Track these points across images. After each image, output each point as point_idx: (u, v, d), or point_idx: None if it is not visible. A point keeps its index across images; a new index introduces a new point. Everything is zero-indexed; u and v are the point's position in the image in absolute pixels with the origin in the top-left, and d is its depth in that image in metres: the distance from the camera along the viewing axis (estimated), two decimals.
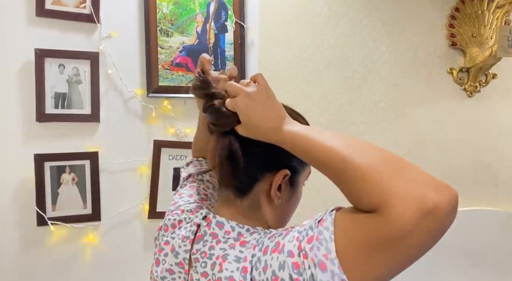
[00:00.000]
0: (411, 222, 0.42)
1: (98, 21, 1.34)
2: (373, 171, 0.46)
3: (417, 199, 0.42)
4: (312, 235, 0.48)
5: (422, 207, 0.42)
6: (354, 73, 1.64)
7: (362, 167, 0.46)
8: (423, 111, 1.72)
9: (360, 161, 0.47)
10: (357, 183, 0.46)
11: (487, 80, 1.75)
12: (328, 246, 0.46)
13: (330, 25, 1.60)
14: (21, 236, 1.30)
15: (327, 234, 0.47)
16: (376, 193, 0.44)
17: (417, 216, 0.42)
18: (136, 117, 1.41)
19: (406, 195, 0.42)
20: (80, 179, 1.34)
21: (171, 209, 0.71)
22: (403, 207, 0.42)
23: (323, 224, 0.48)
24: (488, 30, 1.68)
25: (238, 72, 1.47)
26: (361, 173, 0.46)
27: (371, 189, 0.45)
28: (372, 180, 0.45)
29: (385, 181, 0.44)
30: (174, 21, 1.42)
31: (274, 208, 0.63)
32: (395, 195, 0.43)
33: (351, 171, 0.47)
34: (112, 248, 1.38)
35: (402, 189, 0.43)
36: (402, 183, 0.44)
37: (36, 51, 1.28)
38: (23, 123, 1.29)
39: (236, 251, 0.55)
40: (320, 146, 0.51)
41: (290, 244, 0.50)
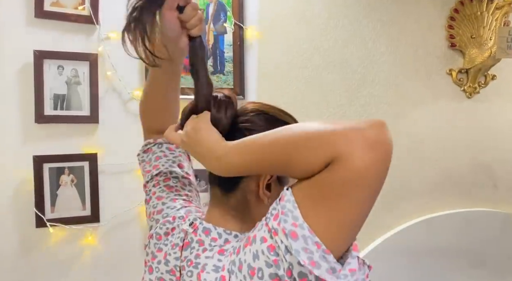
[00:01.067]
0: (364, 157, 0.43)
1: (97, 22, 1.34)
2: (305, 138, 0.47)
3: (358, 138, 0.44)
4: (277, 212, 0.48)
5: (366, 141, 0.44)
6: (353, 74, 1.64)
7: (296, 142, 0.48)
8: (422, 112, 1.72)
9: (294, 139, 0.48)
10: (300, 156, 0.47)
11: (486, 81, 1.75)
12: (294, 214, 0.46)
13: (329, 26, 1.60)
14: (20, 237, 1.29)
15: (290, 205, 0.47)
16: (321, 152, 0.45)
17: (366, 151, 0.43)
18: (135, 119, 1.39)
19: (348, 140, 0.44)
20: (79, 180, 1.34)
21: (158, 218, 0.70)
22: (351, 149, 0.43)
23: (283, 200, 0.48)
24: (487, 31, 1.68)
25: (237, 74, 1.47)
26: (299, 145, 0.47)
27: (314, 152, 0.46)
28: (311, 145, 0.46)
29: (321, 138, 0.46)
30: None
31: (264, 208, 0.60)
32: (338, 144, 0.44)
33: (290, 152, 0.48)
34: (111, 250, 1.37)
35: (340, 137, 0.45)
36: (337, 133, 0.45)
37: (35, 53, 1.28)
38: (22, 125, 1.29)
39: (214, 260, 0.55)
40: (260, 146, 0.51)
41: (260, 232, 0.50)
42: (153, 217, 0.71)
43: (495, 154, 1.77)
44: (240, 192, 0.61)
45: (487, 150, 1.77)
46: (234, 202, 0.61)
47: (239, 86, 1.48)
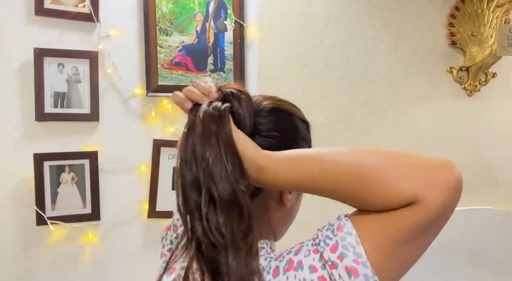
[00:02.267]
0: (446, 201, 0.45)
1: (97, 20, 1.34)
2: (393, 170, 0.46)
3: (442, 182, 0.45)
4: (334, 243, 0.45)
5: (449, 186, 0.45)
6: (353, 72, 1.64)
7: (380, 171, 0.46)
8: (422, 110, 1.72)
9: (375, 165, 0.47)
10: (380, 188, 0.46)
11: (487, 79, 1.75)
12: (357, 251, 0.44)
13: (329, 24, 1.60)
14: (20, 235, 1.29)
15: (352, 239, 0.45)
16: (408, 188, 0.45)
17: (447, 196, 0.45)
18: (136, 117, 1.40)
19: (433, 181, 0.45)
20: (80, 178, 1.34)
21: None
22: (435, 192, 0.44)
23: (343, 230, 0.46)
24: (488, 29, 1.67)
25: (238, 72, 1.47)
26: (382, 176, 0.46)
27: (401, 186, 0.45)
28: (399, 178, 0.46)
29: (410, 175, 0.46)
30: (173, 20, 1.42)
31: (283, 213, 0.61)
32: (425, 184, 0.45)
33: (366, 181, 0.46)
34: (112, 248, 1.37)
35: (428, 176, 0.45)
36: (424, 171, 0.46)
37: (35, 50, 1.28)
38: (22, 123, 1.29)
39: None
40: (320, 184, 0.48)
41: (308, 259, 0.47)
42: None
43: (495, 152, 1.77)
44: (262, 197, 0.58)
45: (488, 148, 1.77)
46: (255, 208, 0.57)
47: None
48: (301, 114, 0.63)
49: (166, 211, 1.38)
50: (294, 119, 0.60)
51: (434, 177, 0.45)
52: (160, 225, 1.41)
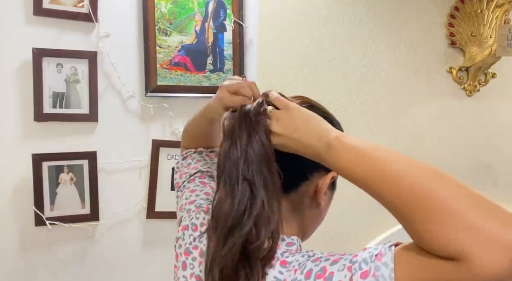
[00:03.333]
0: (504, 273, 0.37)
1: (96, 20, 1.33)
2: (455, 213, 0.39)
3: (508, 248, 0.37)
4: (367, 269, 0.43)
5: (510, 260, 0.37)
6: (353, 72, 1.64)
7: (443, 207, 0.40)
8: (422, 110, 1.72)
9: (442, 198, 0.40)
10: (432, 224, 0.40)
11: (486, 79, 1.75)
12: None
13: (329, 24, 1.60)
14: (19, 236, 1.29)
15: (386, 272, 0.42)
16: (460, 233, 0.38)
17: (507, 267, 0.37)
18: (135, 117, 1.40)
19: (496, 242, 0.37)
20: (79, 179, 1.34)
21: (190, 208, 0.68)
22: (493, 256, 0.37)
23: (381, 259, 0.43)
24: (487, 29, 1.67)
25: (237, 71, 1.47)
26: (440, 214, 0.40)
27: (452, 234, 0.38)
28: (454, 224, 0.39)
29: (469, 225, 0.38)
30: (172, 20, 1.41)
31: (315, 213, 0.61)
32: (482, 241, 0.37)
33: (427, 206, 0.41)
34: (111, 248, 1.37)
35: (490, 235, 0.37)
36: (490, 226, 0.38)
37: (33, 51, 1.27)
38: (21, 123, 1.29)
39: (275, 271, 0.51)
40: (377, 187, 0.45)
41: (340, 274, 0.46)
42: (184, 207, 0.69)
43: (495, 152, 1.77)
44: (297, 194, 0.59)
45: (487, 149, 1.77)
46: (288, 204, 0.59)
47: None
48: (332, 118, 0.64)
49: (165, 211, 1.38)
50: (326, 117, 0.60)
51: (505, 238, 0.37)
52: (159, 226, 1.40)
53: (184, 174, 0.77)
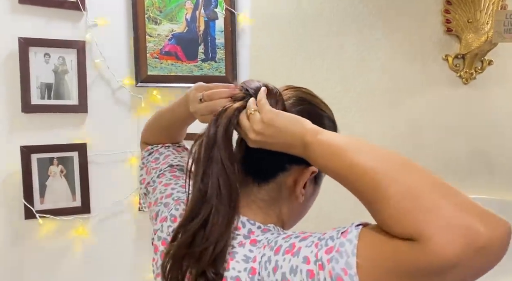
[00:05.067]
0: (456, 256, 0.37)
1: (84, 8, 1.30)
2: (415, 198, 0.41)
3: (465, 232, 0.38)
4: (332, 246, 0.45)
5: (471, 242, 0.37)
6: (348, 60, 1.61)
7: (404, 192, 0.42)
8: (418, 99, 1.69)
9: (404, 184, 0.42)
10: (393, 208, 0.42)
11: (483, 67, 1.72)
12: (348, 261, 0.42)
13: (324, 11, 1.57)
14: (9, 229, 1.27)
15: (349, 247, 0.43)
16: (416, 219, 0.40)
17: (464, 251, 0.37)
18: (125, 108, 1.38)
19: (452, 225, 0.38)
20: (69, 171, 1.31)
21: (168, 201, 0.67)
22: (447, 239, 0.37)
23: (346, 236, 0.45)
24: (484, 16, 1.65)
25: (229, 61, 1.44)
26: (401, 199, 0.41)
27: (409, 215, 0.40)
28: (414, 208, 0.40)
29: (428, 206, 0.40)
30: (162, 8, 1.38)
31: (295, 205, 0.60)
32: (438, 224, 0.38)
33: (385, 195, 0.43)
34: (102, 241, 1.35)
35: (446, 217, 0.39)
36: (447, 210, 0.39)
37: (20, 40, 1.24)
38: (9, 114, 1.26)
39: (245, 249, 0.52)
40: (351, 162, 0.47)
41: (307, 250, 0.47)
42: (161, 201, 0.68)
43: (491, 140, 1.75)
44: (275, 185, 0.58)
45: (484, 137, 1.75)
46: (265, 194, 0.59)
47: (231, 74, 1.45)
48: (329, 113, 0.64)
49: None
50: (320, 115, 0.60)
51: (457, 221, 0.38)
52: None
53: (153, 170, 0.75)
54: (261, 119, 0.53)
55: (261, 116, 0.54)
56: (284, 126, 0.53)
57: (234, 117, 0.56)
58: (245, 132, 0.56)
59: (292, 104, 0.59)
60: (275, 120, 0.53)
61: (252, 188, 0.59)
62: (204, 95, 0.60)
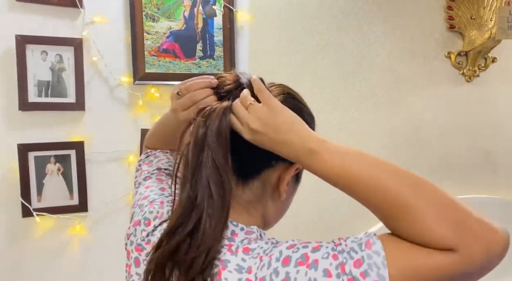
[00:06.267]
0: (482, 262, 0.44)
1: (81, 5, 1.29)
2: (439, 210, 0.45)
3: (489, 242, 0.44)
4: (359, 258, 0.45)
5: (495, 249, 0.44)
6: (348, 58, 1.59)
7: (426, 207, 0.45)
8: (420, 97, 1.67)
9: (425, 198, 0.46)
10: (419, 222, 0.45)
11: (486, 64, 1.69)
12: (380, 273, 0.43)
13: (323, 8, 1.55)
14: (6, 228, 1.27)
15: (379, 259, 0.44)
16: (449, 233, 0.44)
17: (487, 257, 0.44)
18: (123, 105, 1.37)
19: (479, 237, 0.44)
20: (66, 169, 1.31)
21: (143, 203, 0.66)
22: (477, 249, 0.44)
23: (371, 248, 0.45)
24: (487, 12, 1.62)
25: (228, 59, 1.43)
26: (425, 213, 0.45)
27: (442, 229, 0.44)
28: (442, 221, 0.45)
29: (455, 221, 0.45)
30: (160, 5, 1.37)
31: (278, 203, 0.59)
32: (469, 236, 0.44)
33: (410, 211, 0.46)
34: (100, 239, 1.35)
35: (474, 229, 0.44)
36: (472, 223, 0.45)
37: (17, 38, 1.24)
38: (6, 112, 1.26)
39: (238, 258, 0.50)
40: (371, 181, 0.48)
41: (325, 262, 0.46)
42: (137, 203, 0.67)
43: (494, 139, 1.73)
44: (259, 182, 0.57)
45: (487, 135, 1.72)
46: (249, 193, 0.57)
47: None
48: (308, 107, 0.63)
49: None
50: (302, 109, 0.60)
51: (481, 233, 0.44)
52: None
53: (143, 172, 0.74)
54: (266, 109, 0.52)
55: (265, 105, 0.52)
56: (290, 122, 0.52)
57: (225, 115, 0.53)
58: (243, 123, 0.53)
59: (277, 96, 0.57)
60: (282, 111, 0.52)
61: (237, 187, 0.57)
62: (181, 88, 0.58)
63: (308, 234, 1.54)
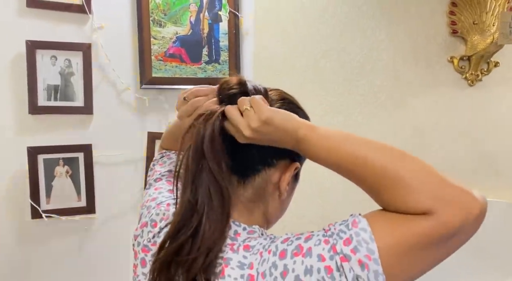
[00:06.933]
0: (458, 225, 0.47)
1: (90, 11, 1.32)
2: (420, 178, 0.49)
3: (465, 206, 0.47)
4: (348, 237, 0.47)
5: (471, 212, 0.47)
6: (351, 62, 1.61)
7: (408, 176, 0.49)
8: (422, 101, 1.69)
9: (405, 170, 0.49)
10: (403, 190, 0.48)
11: (489, 69, 1.71)
12: (370, 247, 0.46)
13: (327, 13, 1.57)
14: (15, 228, 1.30)
15: (366, 235, 0.47)
16: (428, 198, 0.47)
17: (466, 219, 0.47)
18: (130, 109, 1.39)
19: (456, 201, 0.47)
20: (74, 171, 1.34)
21: (150, 205, 0.68)
22: (453, 212, 0.47)
23: (357, 226, 0.48)
24: (490, 17, 1.63)
25: (233, 63, 1.45)
26: (408, 181, 0.48)
27: (422, 195, 0.47)
28: (422, 187, 0.48)
29: (434, 187, 0.48)
30: (167, 11, 1.40)
31: (278, 202, 0.61)
32: (446, 200, 0.47)
33: (395, 181, 0.49)
34: (107, 241, 1.37)
35: (451, 194, 0.48)
36: (449, 189, 0.48)
37: (27, 43, 1.27)
38: (16, 116, 1.28)
39: (239, 256, 0.52)
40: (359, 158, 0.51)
41: (317, 248, 0.48)
42: (145, 205, 0.69)
43: (497, 143, 1.74)
44: (260, 181, 0.59)
45: (490, 139, 1.74)
46: (250, 192, 0.59)
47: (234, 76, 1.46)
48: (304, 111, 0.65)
49: None
50: (298, 113, 0.61)
51: (457, 198, 0.47)
52: None
53: (156, 172, 0.76)
54: (258, 117, 0.53)
55: (258, 114, 0.53)
56: (281, 124, 0.54)
57: (217, 121, 0.55)
58: (238, 129, 0.54)
59: (275, 101, 0.60)
60: (274, 119, 0.53)
61: (237, 187, 0.59)
62: (188, 93, 0.61)
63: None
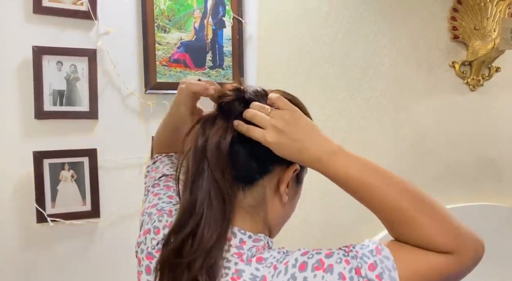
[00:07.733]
0: (471, 263, 0.53)
1: (96, 18, 1.33)
2: (443, 225, 0.53)
3: (477, 247, 0.53)
4: (373, 262, 0.50)
5: (480, 254, 0.54)
6: (354, 67, 1.63)
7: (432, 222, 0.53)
8: (424, 106, 1.70)
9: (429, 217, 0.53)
10: (427, 233, 0.52)
11: (490, 74, 1.72)
12: (391, 275, 0.49)
13: (330, 19, 1.59)
14: (21, 233, 1.30)
15: (389, 263, 0.50)
16: (452, 241, 0.52)
17: (475, 260, 0.53)
18: (135, 114, 1.41)
19: (472, 243, 0.53)
20: (79, 176, 1.34)
21: (151, 211, 0.68)
22: (471, 253, 0.52)
23: (381, 254, 0.51)
24: (491, 23, 1.65)
25: (237, 68, 1.46)
26: (440, 222, 0.53)
27: (444, 238, 0.52)
28: (448, 231, 0.52)
29: (458, 233, 0.53)
30: (171, 17, 1.41)
31: (280, 206, 0.61)
32: (465, 242, 0.52)
33: (421, 225, 0.52)
34: (112, 245, 1.38)
35: (468, 237, 0.53)
36: (465, 233, 0.53)
37: (33, 49, 1.28)
38: (22, 121, 1.30)
39: (252, 268, 0.52)
40: (382, 193, 0.54)
41: (339, 266, 0.50)
42: (146, 211, 0.69)
43: (499, 147, 1.75)
44: (260, 188, 0.59)
45: (491, 144, 1.75)
46: (251, 198, 0.59)
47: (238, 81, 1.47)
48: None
49: None
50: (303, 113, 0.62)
51: (473, 242, 0.53)
52: None
53: (151, 178, 0.77)
54: (288, 112, 0.56)
55: (286, 110, 0.56)
56: (311, 124, 0.57)
57: (228, 133, 0.56)
58: (266, 126, 0.55)
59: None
60: (302, 115, 0.57)
61: (238, 195, 0.59)
62: (202, 79, 0.64)
63: (315, 240, 1.56)
